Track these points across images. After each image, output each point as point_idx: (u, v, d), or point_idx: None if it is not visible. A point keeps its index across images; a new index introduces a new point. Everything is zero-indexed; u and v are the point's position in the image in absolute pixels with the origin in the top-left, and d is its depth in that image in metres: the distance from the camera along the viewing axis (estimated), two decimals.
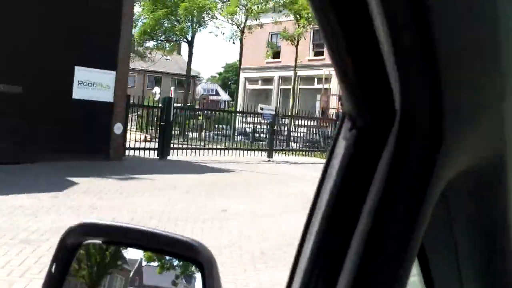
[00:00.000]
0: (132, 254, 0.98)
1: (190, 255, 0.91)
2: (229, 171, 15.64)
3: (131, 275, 0.98)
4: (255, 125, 24.04)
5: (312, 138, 23.22)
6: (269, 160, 19.50)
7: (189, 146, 18.97)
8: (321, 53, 32.42)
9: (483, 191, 0.76)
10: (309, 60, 33.11)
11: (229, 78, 79.35)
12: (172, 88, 17.33)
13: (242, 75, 37.56)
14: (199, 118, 24.02)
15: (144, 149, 17.19)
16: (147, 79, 66.82)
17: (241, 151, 20.07)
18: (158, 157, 17.16)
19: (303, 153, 22.21)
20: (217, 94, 70.14)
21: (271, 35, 33.55)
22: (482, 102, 0.67)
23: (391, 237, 0.64)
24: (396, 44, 0.58)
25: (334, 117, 22.49)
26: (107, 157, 15.31)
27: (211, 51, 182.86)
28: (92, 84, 15.07)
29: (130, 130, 19.80)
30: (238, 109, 25.60)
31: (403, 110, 0.63)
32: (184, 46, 71.11)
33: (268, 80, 36.12)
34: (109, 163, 15.05)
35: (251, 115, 22.14)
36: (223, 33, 33.45)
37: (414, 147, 0.64)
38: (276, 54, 34.91)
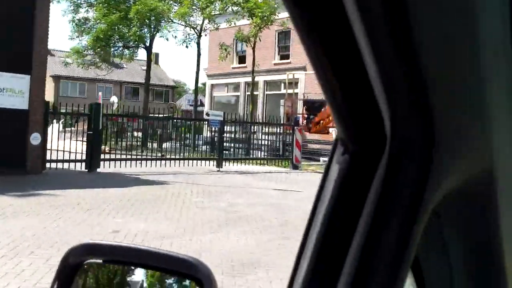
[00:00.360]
0: (135, 276, 1.01)
1: (189, 272, 0.93)
2: (162, 183, 14.08)
3: None
4: (213, 133, 22.44)
5: (272, 145, 21.66)
6: (218, 170, 17.93)
7: (123, 157, 17.26)
8: (287, 57, 31.04)
9: (473, 208, 0.78)
10: (275, 64, 31.66)
11: None
12: (100, 93, 15.75)
13: (208, 82, 36.02)
14: (162, 127, 22.49)
15: (69, 161, 15.52)
16: (124, 90, 65.27)
17: (200, 161, 18.44)
18: (87, 170, 15.49)
19: (262, 161, 20.66)
20: (201, 104, 68.87)
21: (236, 39, 32.10)
22: (469, 125, 0.69)
23: (384, 255, 0.66)
24: (383, 73, 0.61)
25: (293, 123, 20.84)
26: (24, 170, 13.70)
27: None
28: (1, 90, 13.46)
29: (82, 141, 18.76)
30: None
31: (393, 135, 0.66)
32: (162, 56, 70.13)
33: (235, 86, 34.55)
34: (24, 177, 13.45)
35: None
36: (175, 37, 30.70)
37: (405, 170, 0.66)
38: (242, 59, 33.44)
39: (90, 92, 61.35)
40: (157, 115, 22.07)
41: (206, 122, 20.57)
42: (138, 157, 17.87)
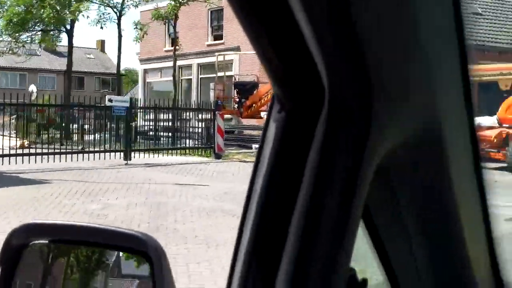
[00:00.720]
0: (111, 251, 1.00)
1: (138, 248, 0.91)
2: (43, 182, 12.18)
3: (110, 267, 1.00)
4: (142, 121, 20.43)
5: (197, 132, 19.79)
6: (126, 163, 15.98)
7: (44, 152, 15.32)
8: (220, 37, 29.04)
9: (422, 161, 0.77)
10: (208, 45, 29.61)
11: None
12: None
13: (141, 66, 33.79)
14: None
15: None
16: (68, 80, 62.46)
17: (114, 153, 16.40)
18: None
19: (186, 151, 18.79)
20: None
21: (169, 20, 29.99)
22: (409, 75, 0.68)
23: (330, 210, 0.65)
24: (318, 33, 0.60)
25: (213, 107, 18.95)
26: None
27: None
28: None
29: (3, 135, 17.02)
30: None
31: (331, 90, 0.64)
32: (109, 43, 67.09)
33: (168, 71, 32.17)
34: None
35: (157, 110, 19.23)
36: (87, 17, 27.68)
37: (345, 125, 0.64)
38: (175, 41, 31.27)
39: (32, 83, 58.61)
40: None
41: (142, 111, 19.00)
42: (39, 151, 15.80)
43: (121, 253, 0.98)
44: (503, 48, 25.59)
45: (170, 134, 19.85)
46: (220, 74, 25.85)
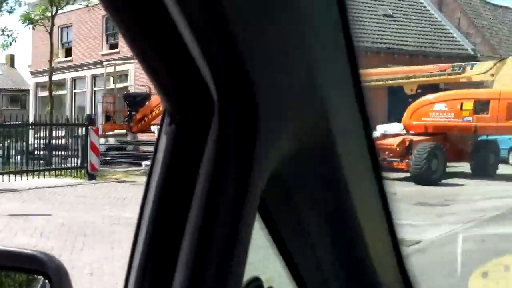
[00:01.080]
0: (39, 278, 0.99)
1: (37, 268, 0.89)
2: None
3: None
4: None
5: (70, 150, 17.55)
6: None
7: None
8: (116, 46, 26.71)
9: (316, 168, 0.80)
10: (103, 55, 27.18)
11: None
12: None
13: (32, 80, 30.99)
14: None
15: None
16: None
17: None
18: None
19: (58, 172, 16.51)
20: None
21: (62, 28, 27.47)
22: (296, 88, 0.70)
23: (222, 220, 0.65)
24: (202, 45, 0.61)
25: (86, 122, 16.74)
26: None
27: None
28: None
29: None
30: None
31: (220, 105, 0.65)
32: (18, 58, 63.41)
33: (61, 84, 29.47)
34: None
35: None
36: None
37: (234, 138, 0.66)
38: (69, 51, 28.75)
39: None
40: None
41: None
42: None
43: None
44: (413, 51, 24.54)
45: (46, 153, 17.61)
46: (112, 86, 23.54)
